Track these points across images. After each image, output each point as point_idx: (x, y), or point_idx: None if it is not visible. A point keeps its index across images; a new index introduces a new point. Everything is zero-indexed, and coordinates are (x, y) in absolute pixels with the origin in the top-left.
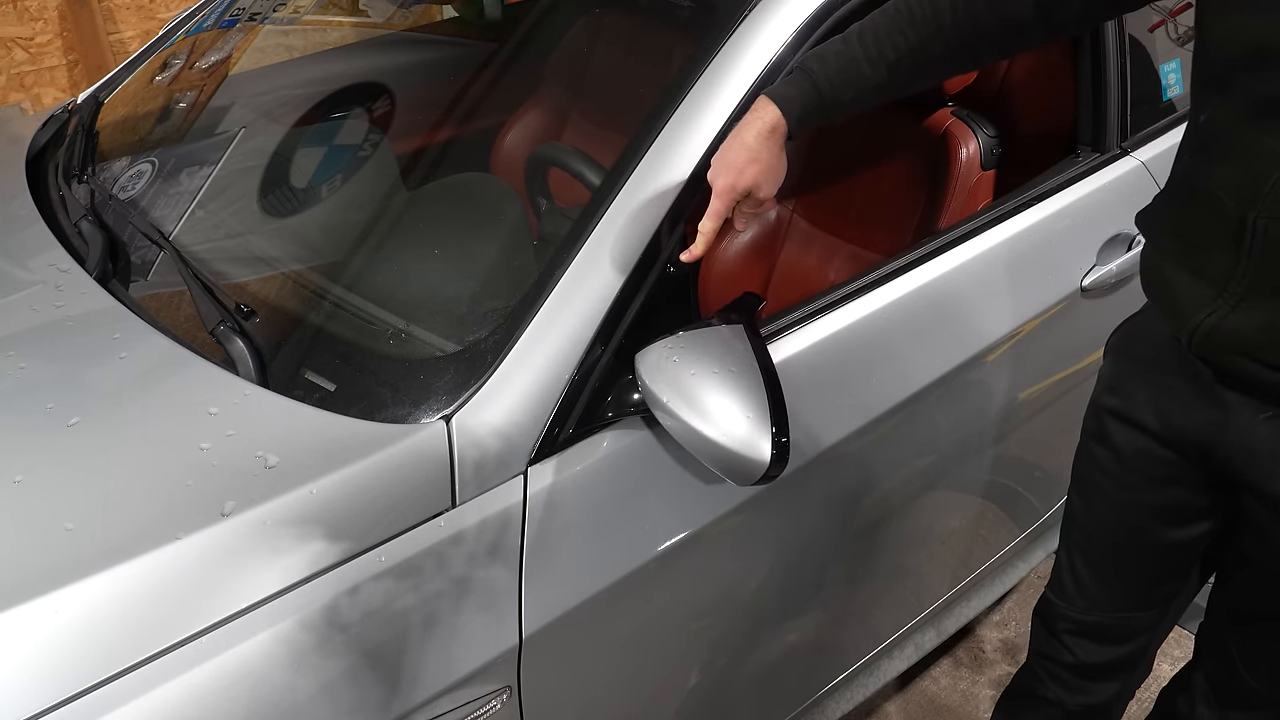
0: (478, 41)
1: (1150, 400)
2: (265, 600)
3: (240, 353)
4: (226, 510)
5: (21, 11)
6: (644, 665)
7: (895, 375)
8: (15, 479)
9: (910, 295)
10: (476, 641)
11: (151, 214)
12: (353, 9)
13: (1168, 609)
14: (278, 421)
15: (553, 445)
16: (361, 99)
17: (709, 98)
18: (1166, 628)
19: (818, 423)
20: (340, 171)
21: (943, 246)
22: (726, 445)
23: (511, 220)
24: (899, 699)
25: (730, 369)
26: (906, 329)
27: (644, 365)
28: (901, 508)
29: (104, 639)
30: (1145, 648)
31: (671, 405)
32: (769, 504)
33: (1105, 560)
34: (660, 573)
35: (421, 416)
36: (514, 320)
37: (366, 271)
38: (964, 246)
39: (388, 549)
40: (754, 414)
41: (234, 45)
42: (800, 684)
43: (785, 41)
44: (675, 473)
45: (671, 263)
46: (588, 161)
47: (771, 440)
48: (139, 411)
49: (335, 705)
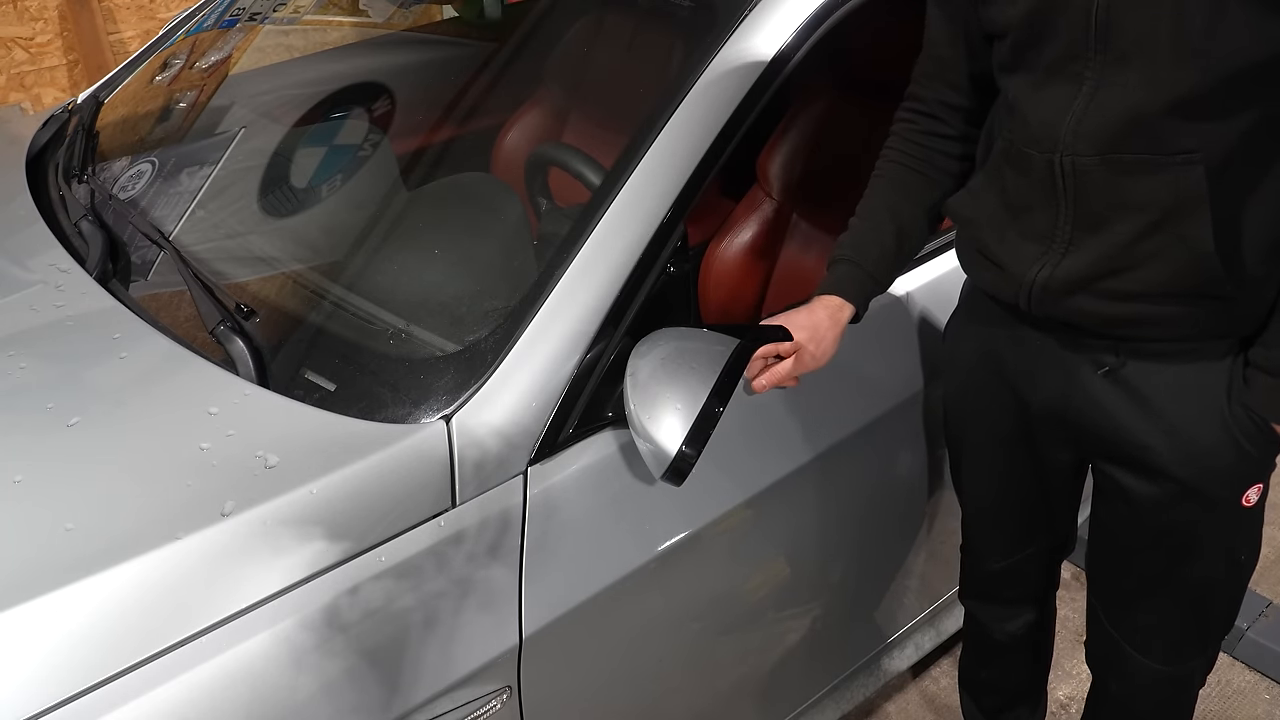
0: (478, 41)
1: (998, 389)
2: (265, 600)
3: (240, 353)
4: (226, 510)
5: (21, 11)
6: (644, 665)
7: (896, 375)
8: (15, 479)
9: (911, 294)
10: (476, 641)
11: (151, 214)
12: (353, 9)
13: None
14: (278, 421)
15: (553, 445)
16: (361, 99)
17: (709, 98)
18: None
19: (818, 421)
20: (340, 171)
21: (943, 247)
22: (642, 432)
23: (511, 220)
24: (899, 699)
25: (692, 371)
26: (907, 329)
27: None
28: (902, 507)
29: (104, 639)
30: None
31: (627, 383)
32: (769, 504)
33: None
34: (660, 573)
35: (421, 416)
36: (514, 320)
37: (366, 271)
38: None
39: (388, 549)
40: (679, 419)
41: (234, 45)
42: (800, 684)
43: (785, 41)
44: None
45: (672, 263)
46: (588, 161)
47: (678, 452)
48: (139, 411)
49: (335, 705)
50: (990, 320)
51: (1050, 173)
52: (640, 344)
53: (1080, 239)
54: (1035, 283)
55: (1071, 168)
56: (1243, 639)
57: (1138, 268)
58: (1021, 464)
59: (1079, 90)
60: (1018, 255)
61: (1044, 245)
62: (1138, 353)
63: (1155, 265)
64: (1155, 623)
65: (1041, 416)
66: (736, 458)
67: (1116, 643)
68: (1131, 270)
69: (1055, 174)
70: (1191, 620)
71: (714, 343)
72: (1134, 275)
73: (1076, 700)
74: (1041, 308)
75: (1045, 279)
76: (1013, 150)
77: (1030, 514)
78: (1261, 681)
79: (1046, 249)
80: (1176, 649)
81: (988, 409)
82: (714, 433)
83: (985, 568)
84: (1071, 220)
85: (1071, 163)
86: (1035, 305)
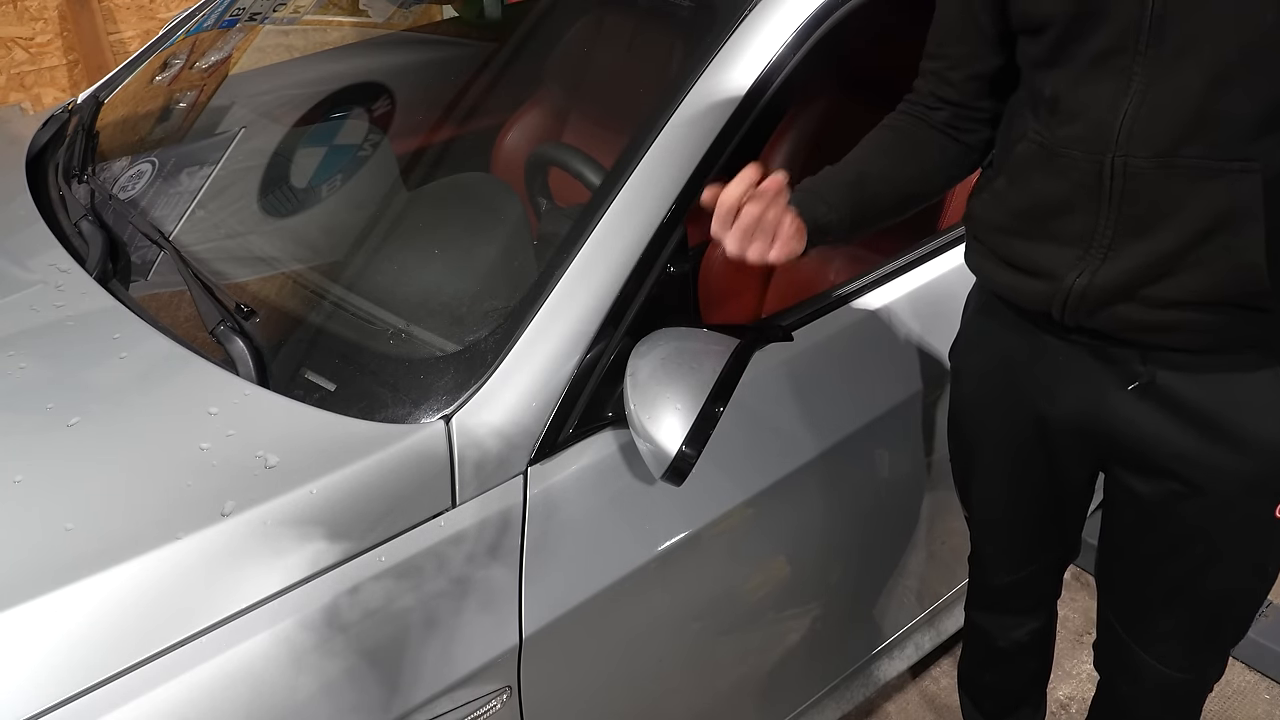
0: (478, 41)
1: (1015, 401)
2: (265, 600)
3: (240, 353)
4: (226, 510)
5: (21, 11)
6: (644, 665)
7: (897, 374)
8: (15, 479)
9: (910, 295)
10: (476, 641)
11: (151, 214)
12: (353, 9)
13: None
14: (278, 421)
15: (553, 445)
16: (361, 99)
17: (709, 98)
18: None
19: (819, 421)
20: (340, 171)
21: (943, 247)
22: (642, 432)
23: (511, 220)
24: (899, 699)
25: (692, 371)
26: (907, 329)
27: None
28: (902, 507)
29: (104, 639)
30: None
31: (627, 383)
32: (769, 504)
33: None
34: (660, 573)
35: (421, 416)
36: (514, 320)
37: (367, 271)
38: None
39: (388, 549)
40: (679, 419)
41: (234, 45)
42: (800, 684)
43: (785, 41)
44: None
45: (672, 262)
46: (588, 161)
47: (678, 452)
48: (139, 411)
49: (335, 705)
50: (1006, 328)
51: (1098, 174)
52: (640, 344)
53: (1121, 244)
54: (1073, 290)
55: (1123, 169)
56: (1243, 639)
57: (1180, 274)
58: (1036, 477)
59: (1128, 88)
60: (1053, 261)
61: (1081, 250)
62: (1167, 363)
63: (1199, 273)
64: (1173, 629)
65: (1061, 430)
66: (736, 458)
67: (1130, 649)
68: (1173, 276)
69: (1104, 175)
70: (1212, 628)
71: (714, 343)
72: (1175, 282)
73: (1076, 700)
74: (1075, 317)
75: (1084, 286)
76: (1047, 150)
77: (1042, 527)
78: (1261, 681)
79: (1084, 254)
80: (1193, 656)
81: (1001, 421)
82: (714, 433)
83: (994, 581)
84: (1114, 224)
85: (1124, 164)
86: (1069, 313)
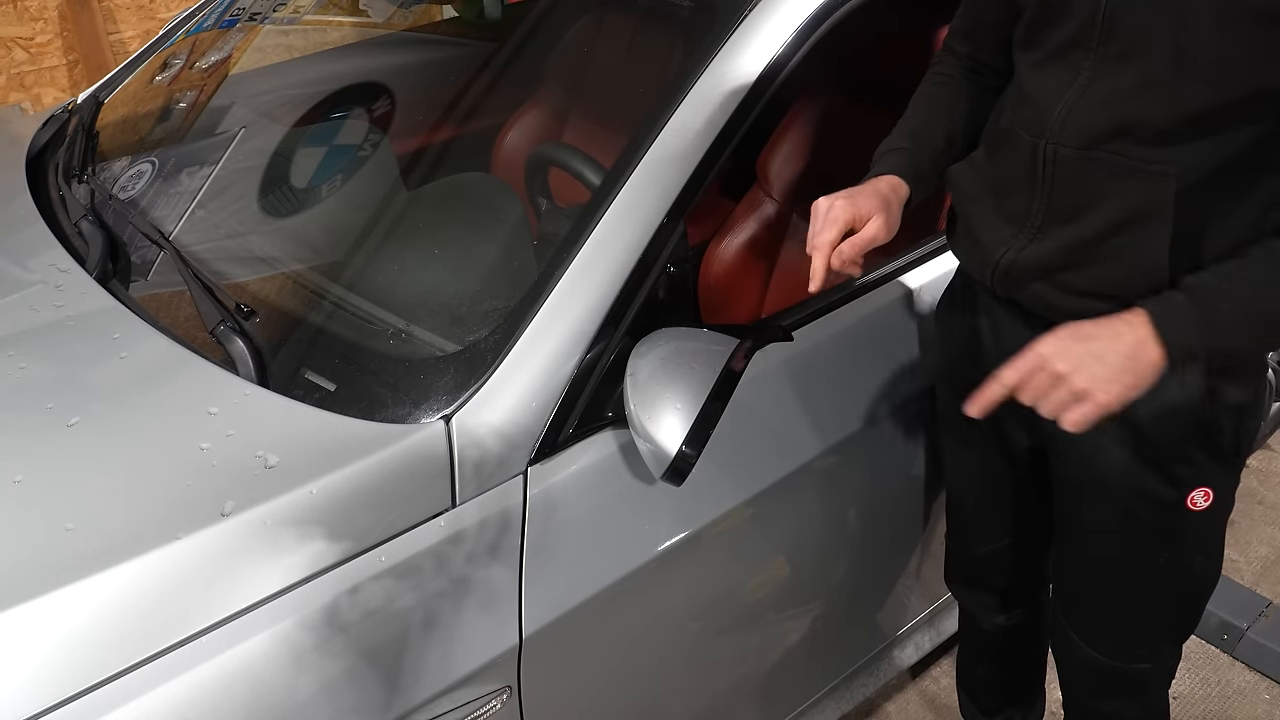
0: (478, 41)
1: (969, 370)
2: (265, 600)
3: (240, 353)
4: (226, 510)
5: (21, 11)
6: (644, 665)
7: (896, 374)
8: (15, 479)
9: (911, 295)
10: (476, 641)
11: (151, 214)
12: (353, 9)
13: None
14: (278, 421)
15: (553, 445)
16: (361, 99)
17: (709, 98)
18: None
19: (819, 421)
20: (340, 171)
21: (943, 247)
22: (642, 432)
23: (511, 220)
24: (898, 699)
25: (692, 371)
26: (907, 329)
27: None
28: (902, 507)
29: (104, 639)
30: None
31: (627, 383)
32: (769, 504)
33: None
34: (660, 573)
35: (421, 416)
36: (514, 320)
37: (367, 271)
38: None
39: (388, 549)
40: (679, 419)
41: (234, 45)
42: (800, 684)
43: (785, 41)
44: None
45: (672, 262)
46: (588, 161)
47: (678, 452)
48: (139, 411)
49: (335, 705)
50: (971, 300)
51: (1033, 158)
52: (640, 344)
53: (1049, 227)
54: (999, 264)
55: (1053, 155)
56: (1243, 639)
57: (1095, 265)
58: (994, 447)
59: (1074, 80)
60: (992, 234)
61: (1016, 228)
62: None
63: (1110, 266)
64: (1099, 613)
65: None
66: (736, 458)
67: (1066, 632)
68: (1089, 267)
69: (1038, 159)
70: (1137, 614)
71: (714, 343)
72: (1090, 272)
73: None
74: (1004, 290)
75: (1009, 263)
76: (1010, 129)
77: (1003, 501)
78: (1261, 681)
79: (1017, 232)
80: (1123, 645)
81: (962, 391)
82: (714, 433)
83: (967, 552)
84: (1045, 207)
85: (1054, 151)
86: (999, 286)
